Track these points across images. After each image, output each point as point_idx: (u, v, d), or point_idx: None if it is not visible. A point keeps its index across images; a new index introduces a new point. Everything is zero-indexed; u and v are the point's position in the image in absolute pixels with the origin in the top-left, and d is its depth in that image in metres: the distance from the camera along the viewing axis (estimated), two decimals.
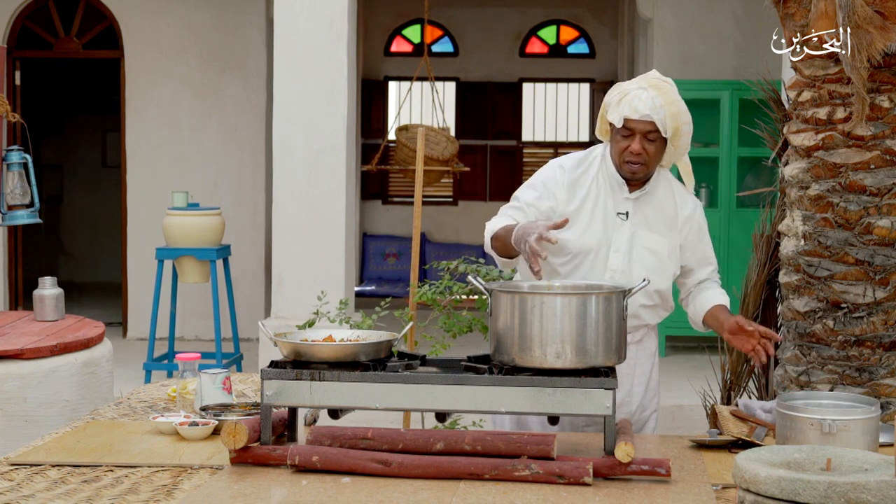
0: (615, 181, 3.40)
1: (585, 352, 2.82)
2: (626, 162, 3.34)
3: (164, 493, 2.63)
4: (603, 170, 3.43)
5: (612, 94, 3.37)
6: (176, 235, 7.41)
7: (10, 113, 5.45)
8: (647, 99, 3.27)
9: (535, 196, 3.41)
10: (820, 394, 3.07)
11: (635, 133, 3.29)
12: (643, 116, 3.26)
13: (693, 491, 2.64)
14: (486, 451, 2.73)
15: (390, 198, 12.72)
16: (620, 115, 3.29)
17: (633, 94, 3.29)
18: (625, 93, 3.32)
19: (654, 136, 3.30)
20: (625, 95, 3.31)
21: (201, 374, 3.30)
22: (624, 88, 3.34)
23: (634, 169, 3.34)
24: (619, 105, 3.31)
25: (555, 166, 3.47)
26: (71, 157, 13.10)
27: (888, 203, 3.89)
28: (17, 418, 4.38)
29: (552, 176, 3.43)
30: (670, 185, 3.48)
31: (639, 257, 3.37)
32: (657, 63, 8.93)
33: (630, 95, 3.29)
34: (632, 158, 3.32)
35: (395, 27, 12.53)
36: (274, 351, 4.06)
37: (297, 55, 6.98)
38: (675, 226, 3.44)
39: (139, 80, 9.33)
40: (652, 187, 3.43)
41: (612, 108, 3.34)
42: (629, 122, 3.28)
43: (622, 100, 3.30)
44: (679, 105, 3.32)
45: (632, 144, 3.30)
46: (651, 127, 3.28)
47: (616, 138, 3.35)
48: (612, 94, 3.38)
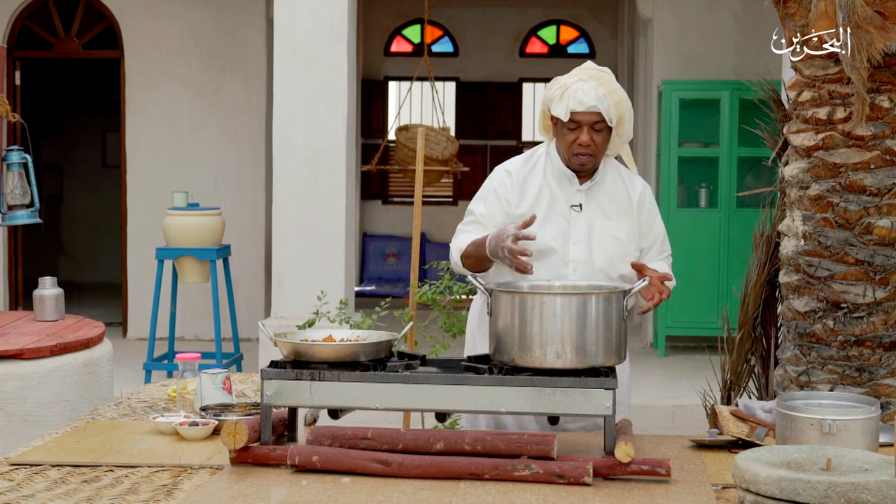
0: (564, 175, 3.45)
1: (585, 352, 2.82)
2: (575, 154, 3.39)
3: (164, 493, 2.63)
4: (550, 167, 3.47)
5: (552, 90, 3.41)
6: (176, 235, 7.41)
7: (10, 113, 5.45)
8: (590, 90, 3.32)
9: (487, 206, 3.46)
10: (820, 394, 3.07)
11: (582, 125, 3.34)
12: (589, 108, 3.31)
13: (693, 491, 2.64)
14: (486, 451, 2.74)
15: (390, 198, 12.72)
16: (566, 109, 3.33)
17: (576, 87, 3.33)
18: (566, 86, 3.36)
19: (601, 126, 3.35)
20: (567, 89, 3.35)
21: (201, 374, 3.30)
22: (564, 82, 3.39)
23: (583, 160, 3.39)
24: (562, 99, 3.35)
25: (501, 171, 3.52)
26: (71, 157, 13.10)
27: (888, 203, 3.89)
28: (17, 418, 4.38)
29: (500, 181, 3.48)
30: (618, 170, 3.53)
31: (599, 246, 3.40)
32: (657, 63, 8.93)
33: (573, 88, 3.34)
34: (581, 150, 3.37)
35: (395, 27, 12.53)
36: (274, 351, 4.06)
37: (297, 55, 6.98)
38: (631, 209, 3.48)
39: (139, 80, 9.33)
40: (601, 176, 3.47)
41: (555, 103, 3.38)
42: (576, 114, 3.33)
43: (565, 93, 3.35)
44: (620, 93, 3.38)
45: (580, 136, 3.35)
46: (597, 117, 3.33)
47: (562, 132, 3.39)
48: (552, 89, 3.42)
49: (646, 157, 9.45)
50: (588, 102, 3.30)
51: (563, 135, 3.40)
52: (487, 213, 3.45)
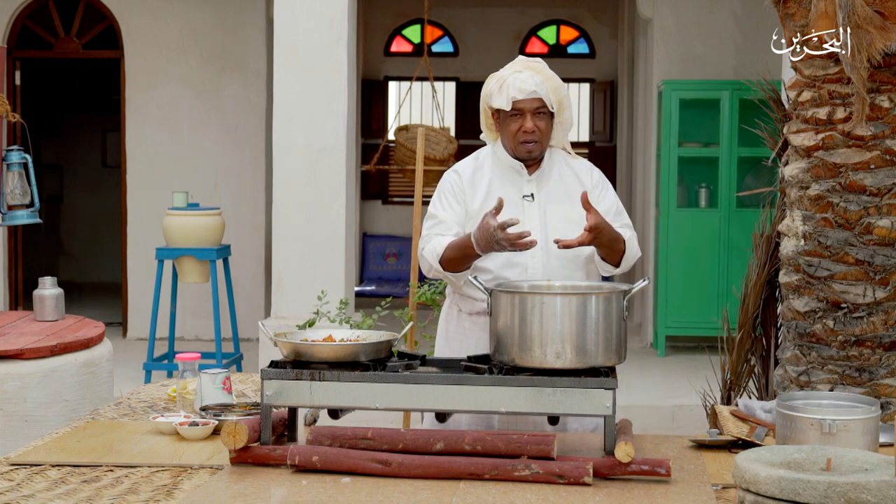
0: (512, 169, 3.50)
1: (585, 352, 2.82)
2: (521, 143, 3.44)
3: (164, 493, 2.63)
4: (496, 162, 3.53)
5: (489, 86, 3.49)
6: (176, 235, 7.41)
7: (10, 113, 5.45)
8: (527, 78, 3.40)
9: (446, 208, 3.50)
10: (820, 394, 3.06)
11: (525, 112, 3.41)
12: (529, 94, 3.38)
13: (693, 491, 2.64)
14: (486, 451, 2.74)
15: (390, 198, 12.72)
16: (508, 98, 3.40)
17: (513, 77, 3.42)
18: (503, 79, 3.44)
19: (543, 111, 3.42)
20: (504, 81, 3.43)
21: (201, 374, 3.30)
22: (500, 76, 3.47)
23: (530, 147, 3.44)
24: (501, 91, 3.42)
25: (450, 173, 3.59)
26: (71, 157, 13.10)
27: (888, 203, 3.89)
28: (17, 418, 4.38)
29: (451, 182, 3.54)
30: (563, 157, 3.58)
31: (554, 231, 3.41)
32: (657, 63, 8.93)
33: (510, 79, 3.42)
34: (527, 137, 3.42)
35: (395, 27, 12.53)
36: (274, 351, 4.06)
37: (297, 55, 6.98)
38: (581, 186, 3.50)
39: (139, 80, 9.32)
40: (548, 165, 3.52)
41: (495, 96, 3.44)
42: (517, 102, 3.39)
43: (503, 85, 3.42)
44: (556, 79, 3.47)
45: (524, 123, 3.41)
46: (539, 103, 3.40)
47: (506, 123, 3.45)
48: (489, 85, 3.50)
49: (646, 157, 9.45)
50: (528, 89, 3.38)
51: (507, 126, 3.45)
52: (448, 214, 3.49)
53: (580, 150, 12.47)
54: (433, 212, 3.54)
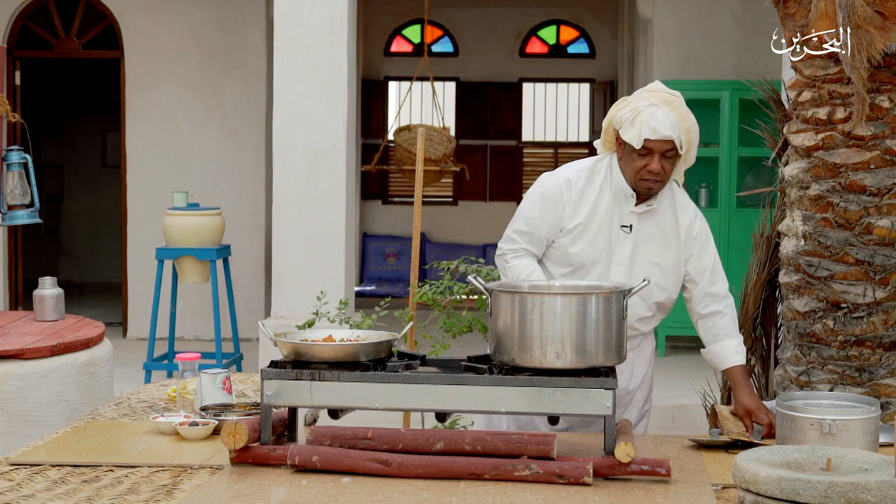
0: (622, 193, 3.39)
1: (585, 352, 2.82)
2: (642, 180, 3.33)
3: (164, 493, 2.63)
4: (609, 181, 3.41)
5: (622, 111, 3.32)
6: (176, 235, 7.41)
7: (10, 113, 5.45)
8: (663, 118, 3.24)
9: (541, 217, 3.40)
10: (820, 394, 3.07)
11: (654, 152, 3.28)
12: (663, 137, 3.24)
13: (693, 491, 2.64)
14: (486, 451, 2.74)
15: (390, 198, 12.72)
16: (639, 136, 3.25)
17: (649, 113, 3.25)
18: (638, 111, 3.27)
19: (672, 153, 3.30)
20: (639, 114, 3.26)
21: (201, 374, 3.30)
22: (636, 106, 3.30)
23: (651, 186, 3.34)
24: (633, 124, 3.26)
25: (561, 181, 3.42)
26: (71, 157, 13.10)
27: (888, 203, 3.88)
28: (17, 418, 4.38)
29: (560, 191, 3.40)
30: (673, 195, 3.48)
31: (641, 270, 3.36)
32: (657, 63, 8.93)
33: (645, 114, 3.25)
34: (650, 177, 3.31)
35: (395, 27, 12.53)
36: (274, 351, 4.06)
37: (297, 55, 6.98)
38: (679, 235, 3.44)
39: (139, 80, 9.33)
40: (658, 202, 3.42)
41: (626, 127, 3.29)
42: (649, 142, 3.26)
43: (636, 118, 3.26)
44: (690, 118, 3.32)
45: (650, 164, 3.28)
46: (670, 146, 3.27)
47: (632, 157, 3.32)
48: (622, 110, 3.33)
49: None
50: (663, 132, 3.23)
51: (631, 159, 3.33)
52: (542, 228, 3.40)
53: (580, 150, 12.48)
54: (529, 215, 3.42)
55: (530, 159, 12.63)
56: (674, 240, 3.44)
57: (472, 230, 12.33)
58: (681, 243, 3.44)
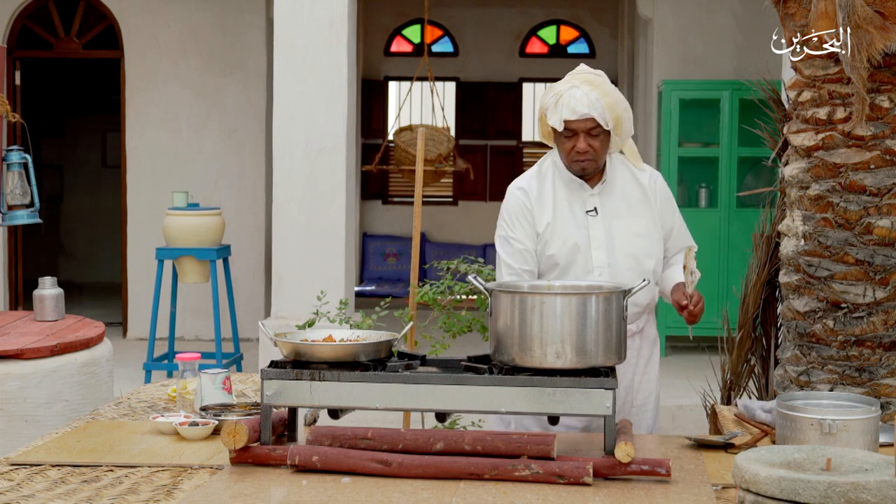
0: (574, 182, 3.44)
1: (585, 352, 2.82)
2: (574, 161, 3.38)
3: (164, 493, 2.63)
4: (558, 176, 3.46)
5: (547, 98, 3.39)
6: (176, 235, 7.41)
7: (10, 113, 5.45)
8: (581, 97, 3.29)
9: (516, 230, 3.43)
10: (820, 394, 3.06)
11: (578, 132, 3.33)
12: (582, 116, 3.29)
13: (693, 491, 2.64)
14: (486, 451, 2.73)
15: (390, 198, 12.72)
16: (559, 119, 3.31)
17: (568, 95, 3.30)
18: (559, 94, 3.33)
19: (597, 131, 3.33)
20: (560, 97, 3.32)
21: (201, 374, 3.30)
22: (557, 90, 3.35)
23: (584, 166, 3.38)
24: (556, 108, 3.32)
25: (516, 192, 3.48)
26: (71, 157, 13.10)
27: (888, 203, 3.89)
28: (17, 418, 4.38)
29: (519, 202, 3.45)
30: (625, 166, 3.52)
31: (622, 246, 3.40)
32: (657, 63, 8.93)
33: (565, 96, 3.31)
34: (579, 157, 3.36)
35: (395, 27, 12.53)
36: (274, 351, 4.06)
37: (297, 55, 6.98)
38: (647, 198, 3.48)
39: (139, 80, 9.33)
40: (611, 176, 3.46)
41: (550, 113, 3.35)
42: (569, 123, 3.31)
43: (558, 102, 3.32)
44: (614, 94, 3.35)
45: (577, 144, 3.33)
46: (592, 123, 3.31)
47: (560, 140, 3.38)
48: (546, 97, 3.39)
49: (646, 158, 9.45)
50: (580, 110, 3.28)
51: (560, 143, 3.39)
52: (522, 237, 3.43)
53: None
54: (506, 235, 3.45)
55: (530, 159, 12.62)
56: (642, 205, 3.47)
57: (472, 230, 12.33)
58: (650, 205, 3.48)
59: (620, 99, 3.37)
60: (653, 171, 3.56)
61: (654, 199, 3.49)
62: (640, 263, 3.40)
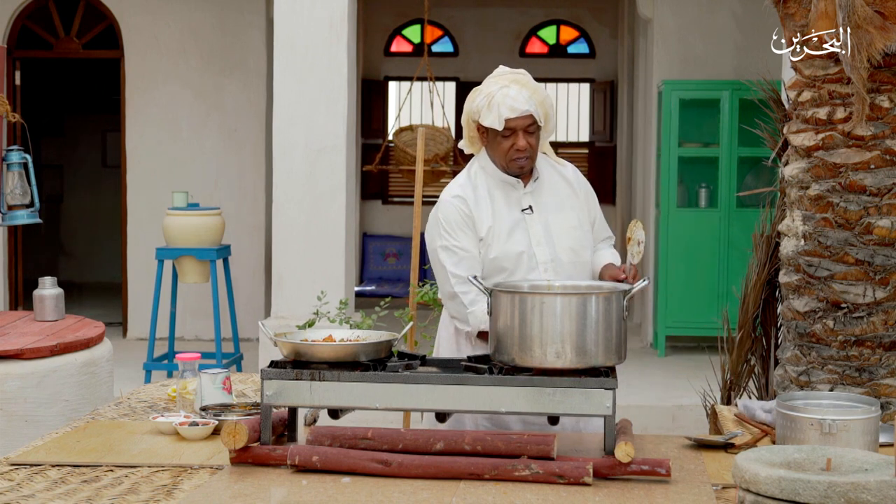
0: (507, 184, 3.46)
1: (585, 352, 2.82)
2: (513, 160, 3.40)
3: (164, 493, 2.63)
4: (489, 180, 3.48)
5: (476, 101, 3.41)
6: (176, 235, 7.41)
7: (10, 113, 5.45)
8: (517, 95, 3.34)
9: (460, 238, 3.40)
10: (820, 394, 3.07)
11: (517, 130, 3.36)
12: (522, 113, 3.33)
13: (693, 491, 2.64)
14: (486, 451, 2.74)
15: (390, 198, 12.72)
16: (500, 118, 3.33)
17: (503, 94, 3.34)
18: (491, 95, 3.36)
19: (533, 128, 3.38)
20: (493, 98, 3.35)
21: (201, 374, 3.30)
22: (488, 92, 3.38)
23: (523, 164, 3.42)
24: (490, 109, 3.34)
25: (453, 200, 3.45)
26: (71, 157, 13.10)
27: (888, 203, 3.89)
28: (17, 418, 4.38)
29: (458, 211, 3.43)
30: (548, 163, 3.57)
31: (560, 241, 3.43)
32: (657, 63, 8.93)
33: (499, 96, 3.34)
34: (519, 155, 3.39)
35: (395, 27, 12.53)
36: (274, 351, 4.06)
37: (297, 55, 6.98)
38: (574, 192, 3.53)
39: (139, 80, 9.33)
40: (539, 174, 3.51)
41: (484, 114, 3.36)
42: (510, 121, 3.34)
43: (491, 102, 3.34)
44: (541, 91, 3.42)
45: (517, 142, 3.37)
46: (530, 120, 3.36)
47: (496, 141, 3.40)
48: (476, 100, 3.41)
49: (646, 157, 9.45)
50: (520, 107, 3.32)
51: (497, 143, 3.40)
52: (468, 244, 3.41)
53: (580, 150, 12.48)
54: (448, 245, 3.41)
55: None
56: (571, 199, 3.52)
57: None
58: (577, 198, 3.54)
59: (547, 95, 3.45)
60: (573, 167, 3.63)
61: (579, 192, 3.55)
62: (579, 255, 3.45)
